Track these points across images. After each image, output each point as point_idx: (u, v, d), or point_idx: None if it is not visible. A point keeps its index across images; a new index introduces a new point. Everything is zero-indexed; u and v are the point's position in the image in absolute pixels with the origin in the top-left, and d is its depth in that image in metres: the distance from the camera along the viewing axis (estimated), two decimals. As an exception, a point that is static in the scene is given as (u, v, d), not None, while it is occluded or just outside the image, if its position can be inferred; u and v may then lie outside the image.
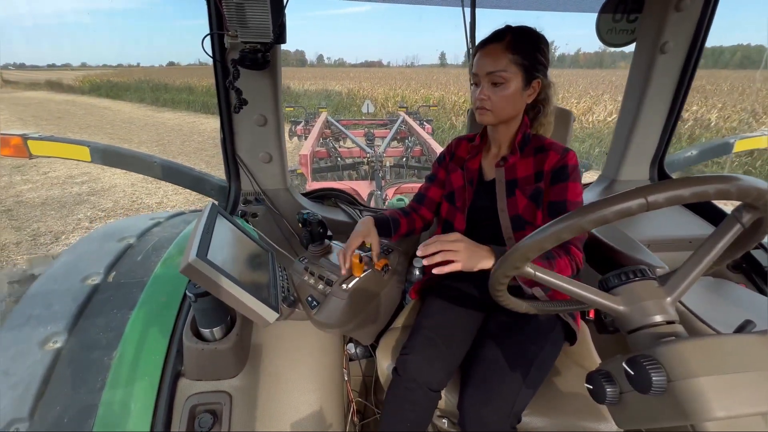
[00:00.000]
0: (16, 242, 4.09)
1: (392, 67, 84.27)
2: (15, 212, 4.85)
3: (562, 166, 0.95)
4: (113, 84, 24.34)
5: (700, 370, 0.42)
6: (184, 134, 10.79)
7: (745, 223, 0.49)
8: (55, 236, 4.26)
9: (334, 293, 0.98)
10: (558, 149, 0.97)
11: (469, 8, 1.43)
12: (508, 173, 1.02)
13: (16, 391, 0.75)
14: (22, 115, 13.52)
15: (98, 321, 0.88)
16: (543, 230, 0.53)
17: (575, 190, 0.95)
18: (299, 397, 0.93)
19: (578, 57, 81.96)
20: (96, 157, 1.56)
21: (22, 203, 5.11)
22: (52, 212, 4.88)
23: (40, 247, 4.02)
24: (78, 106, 16.78)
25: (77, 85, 25.57)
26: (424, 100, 14.59)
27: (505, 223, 1.01)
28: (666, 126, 1.57)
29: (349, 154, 4.94)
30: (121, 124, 12.38)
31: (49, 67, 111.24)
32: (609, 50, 52.00)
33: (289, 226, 1.54)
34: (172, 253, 1.08)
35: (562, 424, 0.88)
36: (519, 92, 0.94)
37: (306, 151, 4.18)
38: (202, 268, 0.72)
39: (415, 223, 1.19)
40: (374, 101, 14.43)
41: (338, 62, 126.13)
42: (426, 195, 1.20)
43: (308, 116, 6.44)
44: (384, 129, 6.22)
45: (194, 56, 17.49)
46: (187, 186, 1.60)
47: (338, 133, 5.77)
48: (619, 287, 0.56)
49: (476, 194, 1.07)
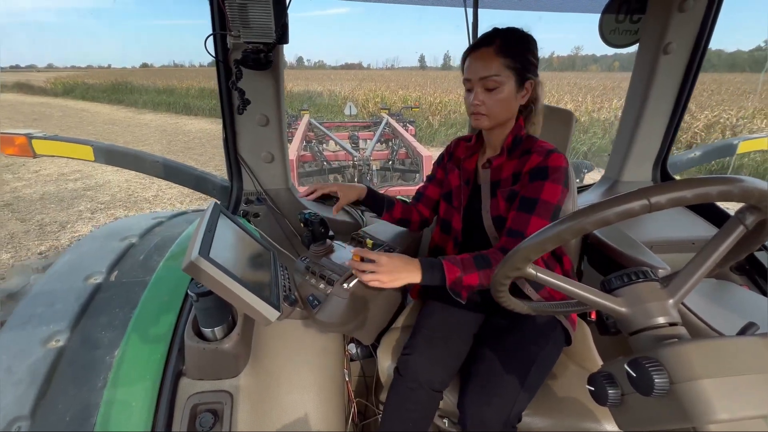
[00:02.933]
0: (24, 231, 4.26)
1: (372, 69, 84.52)
2: (15, 206, 4.95)
3: (543, 167, 0.92)
4: (88, 86, 23.36)
5: (702, 373, 0.42)
6: (169, 134, 10.74)
7: (748, 224, 0.49)
8: (61, 225, 4.42)
9: (336, 293, 0.98)
10: (542, 152, 0.94)
11: (471, 8, 1.43)
12: (493, 174, 1.02)
13: (18, 389, 0.75)
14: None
15: (100, 320, 0.89)
16: (545, 231, 0.53)
17: (551, 191, 0.91)
18: (300, 397, 0.94)
19: (552, 60, 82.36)
20: (100, 157, 1.57)
21: (20, 198, 5.20)
22: (52, 205, 4.97)
23: (48, 235, 4.20)
24: (53, 108, 16.38)
25: (49, 87, 24.44)
26: (403, 100, 14.86)
27: (488, 223, 1.02)
28: (669, 127, 1.56)
29: (334, 158, 4.81)
30: (103, 126, 12.24)
31: (12, 68, 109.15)
32: (580, 54, 51.74)
33: (291, 225, 1.54)
34: (174, 252, 1.08)
35: (563, 424, 0.88)
36: (513, 95, 0.93)
37: (292, 156, 4.12)
38: (205, 267, 0.72)
39: (411, 214, 1.20)
40: (355, 102, 14.82)
41: (318, 64, 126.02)
42: (424, 193, 1.22)
43: (290, 119, 6.23)
44: (368, 131, 6.09)
45: (168, 58, 17.40)
46: (189, 185, 1.60)
47: (322, 135, 5.65)
48: (622, 289, 0.56)
49: (471, 194, 1.08)
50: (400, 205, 1.21)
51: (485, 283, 0.88)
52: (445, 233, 1.14)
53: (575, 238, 0.81)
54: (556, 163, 0.92)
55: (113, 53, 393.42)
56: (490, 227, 1.02)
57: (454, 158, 1.15)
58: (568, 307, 0.68)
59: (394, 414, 0.94)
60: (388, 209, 1.19)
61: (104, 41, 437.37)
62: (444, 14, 33.98)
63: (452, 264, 0.88)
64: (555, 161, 0.92)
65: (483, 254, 0.91)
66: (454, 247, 1.11)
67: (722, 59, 46.27)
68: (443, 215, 1.15)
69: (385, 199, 1.20)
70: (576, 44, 42.40)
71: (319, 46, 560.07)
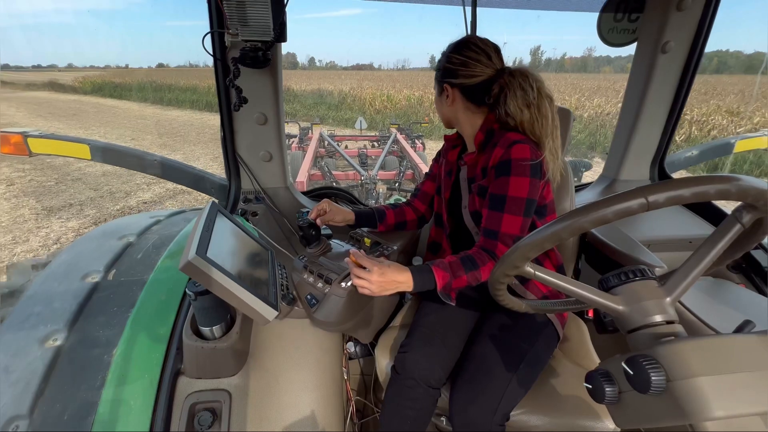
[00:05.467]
0: (99, 196, 5.32)
1: (383, 70, 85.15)
2: (85, 180, 6.00)
3: (505, 161, 0.91)
4: (116, 84, 24.94)
5: (699, 370, 0.42)
6: (197, 128, 11.75)
7: (745, 223, 0.49)
8: (125, 193, 5.44)
9: (334, 292, 0.98)
10: (505, 143, 0.92)
11: (470, 7, 1.43)
12: (469, 171, 1.04)
13: (16, 389, 0.75)
14: (39, 113, 14.15)
15: (98, 319, 0.88)
16: (543, 230, 0.53)
17: (517, 184, 0.89)
18: (299, 395, 0.94)
19: (564, 62, 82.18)
20: (96, 155, 1.56)
21: (87, 174, 6.25)
22: (114, 180, 6.02)
23: (118, 200, 5.20)
24: (86, 105, 17.53)
25: (78, 86, 26.14)
26: (406, 99, 16.68)
27: (467, 218, 1.04)
28: (667, 125, 1.57)
29: (344, 177, 4.78)
30: (135, 120, 13.28)
31: (34, 67, 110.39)
32: (594, 55, 51.07)
33: (289, 224, 1.54)
34: (172, 251, 1.08)
35: (560, 422, 0.88)
36: (438, 100, 1.06)
37: (302, 177, 4.11)
38: (202, 266, 0.72)
39: (406, 215, 1.22)
40: (361, 101, 16.41)
41: (330, 65, 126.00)
42: (421, 189, 1.24)
43: (302, 133, 6.34)
44: (377, 149, 6.15)
45: (184, 58, 17.42)
46: (187, 184, 1.60)
47: (333, 151, 5.72)
48: (619, 287, 0.56)
49: (453, 187, 1.10)
50: (391, 212, 1.21)
51: (473, 283, 0.90)
52: (439, 227, 1.16)
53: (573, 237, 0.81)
54: (519, 155, 0.90)
55: (130, 54, 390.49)
56: (469, 221, 1.04)
57: (444, 153, 1.17)
58: (566, 305, 0.68)
59: (392, 412, 0.94)
60: (380, 220, 1.20)
61: (121, 42, 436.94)
62: (455, 13, 34.45)
63: (441, 269, 0.88)
64: (517, 153, 0.90)
65: (469, 255, 0.91)
66: (446, 239, 1.12)
67: (740, 61, 46.17)
68: (437, 209, 1.17)
69: (375, 212, 1.20)
70: (589, 45, 42.66)
71: (330, 47, 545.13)
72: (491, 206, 0.93)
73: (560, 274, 0.58)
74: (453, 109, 1.03)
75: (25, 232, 4.10)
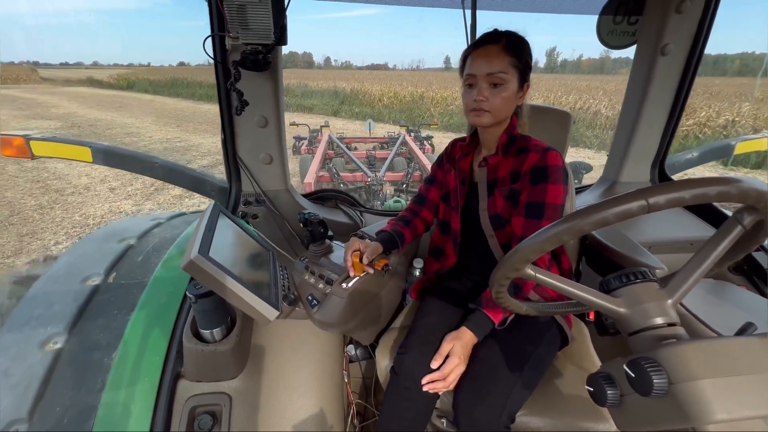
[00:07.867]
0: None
1: (397, 70, 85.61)
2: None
3: (542, 167, 0.94)
4: (150, 81, 26.80)
5: (701, 373, 0.42)
6: None
7: (746, 225, 0.49)
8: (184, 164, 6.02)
9: (335, 292, 0.98)
10: (539, 149, 0.95)
11: (469, 10, 1.44)
12: (490, 173, 1.03)
13: (16, 392, 0.75)
14: (90, 105, 15.83)
15: (98, 322, 0.88)
16: (544, 232, 0.53)
17: (555, 192, 0.92)
18: (299, 398, 0.93)
19: (580, 63, 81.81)
20: (97, 158, 1.56)
21: (149, 151, 6.93)
22: (169, 156, 6.97)
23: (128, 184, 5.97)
24: (127, 99, 19.30)
25: (114, 82, 28.56)
26: (411, 95, 17.82)
27: (485, 221, 1.03)
28: (667, 128, 1.57)
29: (352, 179, 4.82)
30: (175, 112, 14.79)
31: (62, 65, 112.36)
32: (612, 56, 50.37)
33: (290, 227, 1.53)
34: (172, 253, 1.08)
35: (562, 424, 0.88)
36: (514, 94, 0.94)
37: (310, 179, 4.15)
38: (204, 265, 0.72)
39: (418, 230, 1.20)
40: (370, 97, 17.57)
41: (345, 65, 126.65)
42: (427, 197, 1.20)
43: (311, 136, 6.42)
44: (385, 151, 6.18)
45: (203, 57, 17.75)
46: (187, 187, 1.60)
47: (341, 153, 5.76)
48: (620, 289, 0.56)
49: (468, 193, 1.08)
50: (407, 231, 1.16)
51: (522, 301, 0.91)
52: (444, 234, 1.14)
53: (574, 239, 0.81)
54: (554, 162, 0.94)
55: (152, 52, 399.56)
56: (486, 225, 1.03)
57: (451, 159, 1.15)
58: (568, 307, 0.68)
59: (392, 413, 0.94)
60: (401, 243, 1.14)
61: (142, 41, 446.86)
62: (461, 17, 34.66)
63: (492, 308, 0.91)
64: (553, 160, 0.94)
65: (513, 282, 0.89)
66: (453, 247, 1.11)
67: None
68: (442, 216, 1.15)
69: (394, 236, 1.13)
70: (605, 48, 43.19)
71: (346, 47, 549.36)
72: (529, 215, 0.93)
73: (561, 277, 0.58)
74: (514, 107, 0.98)
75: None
